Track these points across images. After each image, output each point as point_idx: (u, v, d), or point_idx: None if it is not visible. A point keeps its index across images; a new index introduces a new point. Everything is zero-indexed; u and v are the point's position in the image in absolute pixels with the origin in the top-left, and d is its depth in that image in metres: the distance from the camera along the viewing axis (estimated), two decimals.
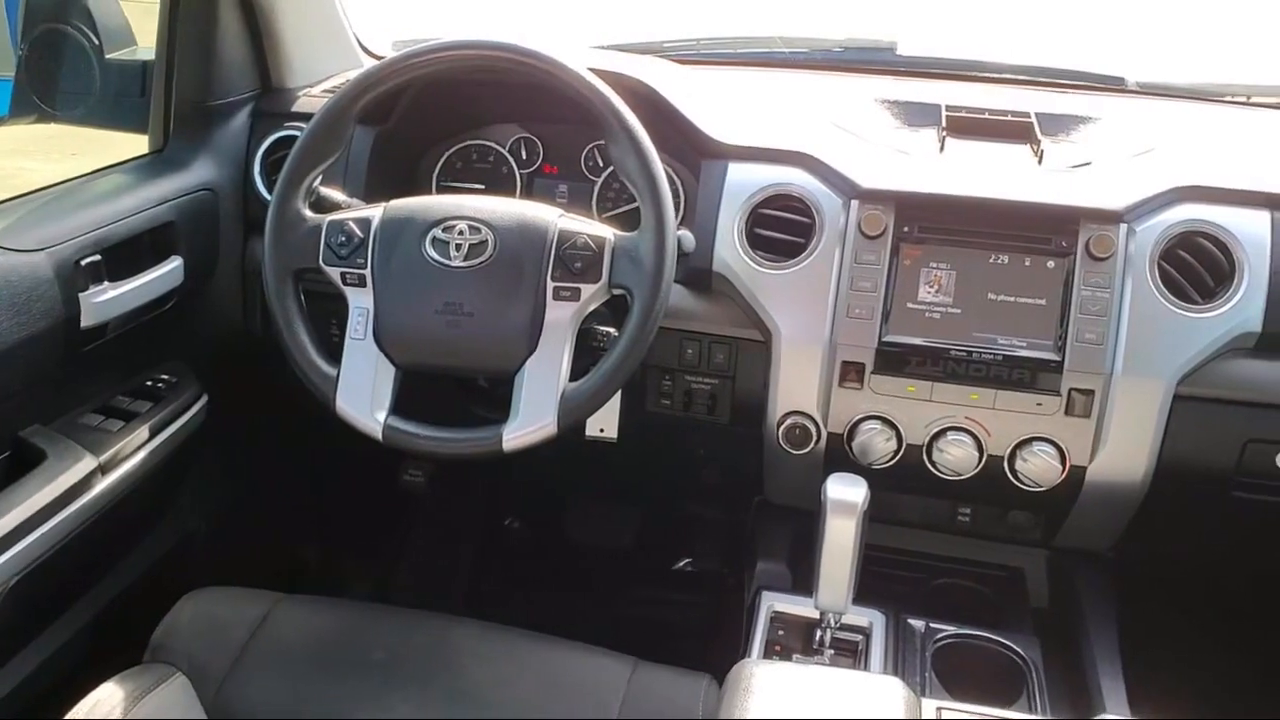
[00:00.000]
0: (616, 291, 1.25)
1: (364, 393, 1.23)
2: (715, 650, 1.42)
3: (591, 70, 1.28)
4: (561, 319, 1.22)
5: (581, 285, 1.22)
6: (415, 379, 1.25)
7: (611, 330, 1.33)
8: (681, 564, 2.20)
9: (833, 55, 1.88)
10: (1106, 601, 1.49)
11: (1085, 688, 1.37)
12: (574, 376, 1.23)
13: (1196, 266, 1.34)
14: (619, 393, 1.42)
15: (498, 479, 2.18)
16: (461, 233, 1.24)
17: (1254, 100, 1.77)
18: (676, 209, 1.53)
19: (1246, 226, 1.34)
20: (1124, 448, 1.35)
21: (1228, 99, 1.77)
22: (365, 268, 1.24)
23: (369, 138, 1.56)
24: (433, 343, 1.23)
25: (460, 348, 1.23)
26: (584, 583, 2.17)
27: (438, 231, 1.24)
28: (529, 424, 1.20)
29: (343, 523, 2.14)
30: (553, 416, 1.21)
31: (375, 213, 1.27)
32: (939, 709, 0.96)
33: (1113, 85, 1.76)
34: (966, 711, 0.97)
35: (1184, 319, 1.33)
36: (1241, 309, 1.32)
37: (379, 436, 1.23)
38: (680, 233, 1.41)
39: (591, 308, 1.24)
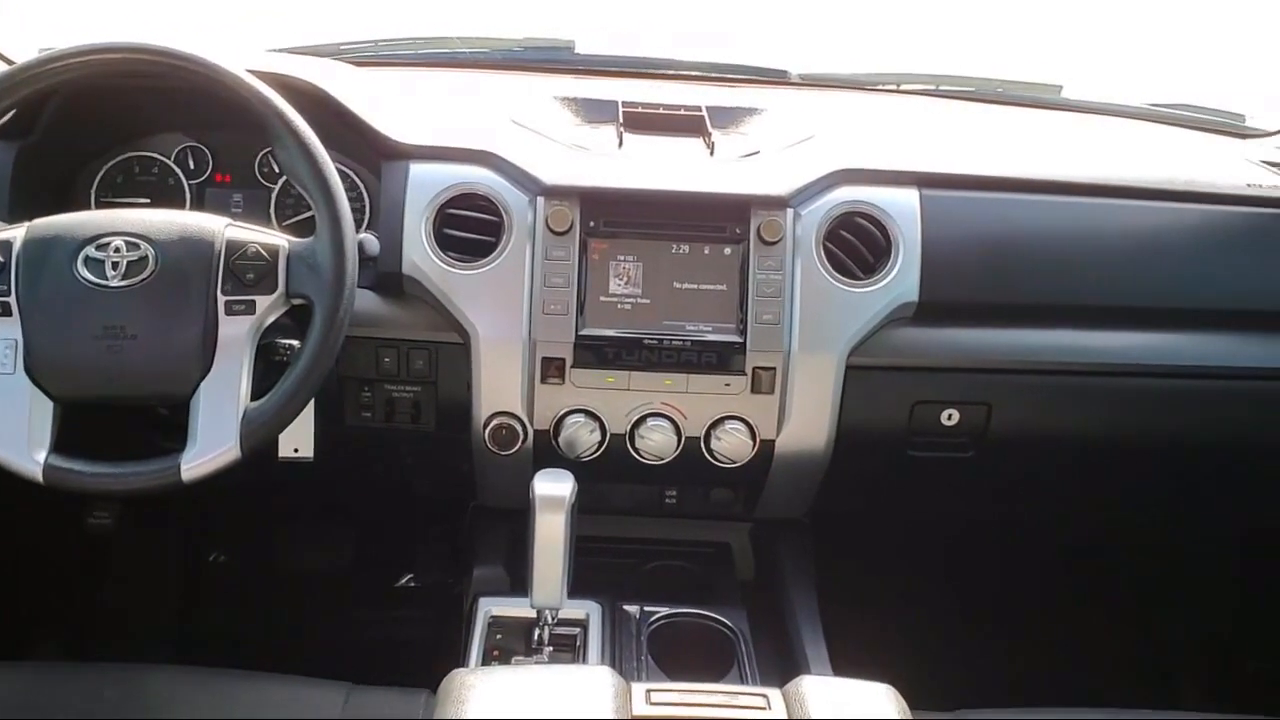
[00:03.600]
0: (296, 301, 1.20)
1: (18, 432, 1.13)
2: (440, 663, 1.39)
3: (254, 73, 1.22)
4: (237, 335, 1.16)
5: (256, 297, 1.17)
6: (90, 412, 1.16)
7: (296, 343, 1.27)
8: (405, 580, 2.14)
9: (512, 55, 1.88)
10: (805, 567, 1.57)
11: (791, 652, 1.44)
12: (258, 395, 1.18)
13: (857, 244, 1.44)
14: (311, 408, 1.36)
15: (195, 513, 2.04)
16: (118, 249, 1.15)
17: (903, 88, 1.91)
18: (360, 212, 1.49)
19: (899, 204, 1.44)
20: (806, 419, 1.43)
21: (880, 88, 1.91)
22: (9, 295, 1.14)
23: (9, 153, 1.41)
24: (93, 371, 1.14)
25: (125, 374, 1.14)
26: (301, 612, 2.07)
27: (91, 250, 1.15)
28: (209, 450, 1.13)
29: (27, 578, 1.94)
30: (234, 440, 1.15)
31: (16, 234, 1.16)
32: (648, 691, 0.97)
33: (777, 78, 1.85)
34: (674, 689, 0.99)
35: (850, 294, 1.41)
36: (899, 281, 1.42)
37: (39, 478, 1.12)
38: (362, 236, 1.38)
39: (270, 320, 1.19)
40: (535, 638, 1.35)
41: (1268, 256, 1.50)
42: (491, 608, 1.43)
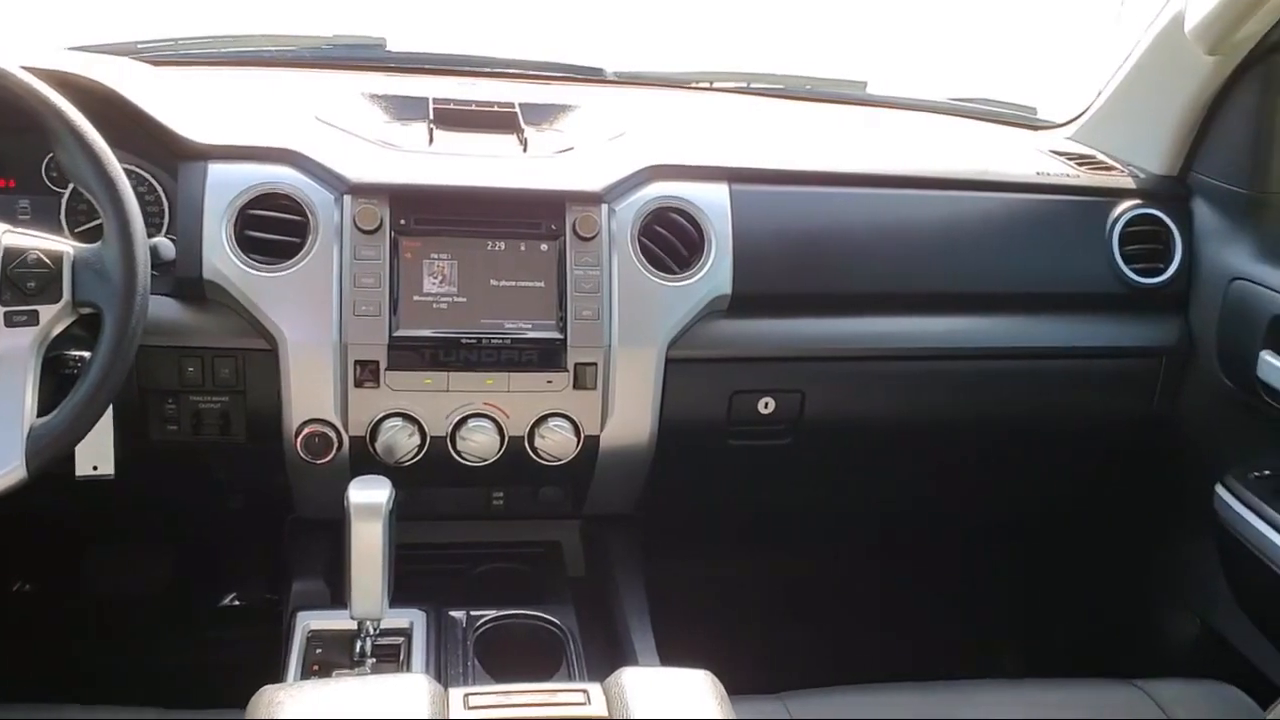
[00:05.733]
0: (85, 310, 1.14)
1: None
2: (262, 682, 1.34)
3: (34, 71, 1.16)
4: (18, 347, 1.09)
5: (39, 307, 1.10)
6: None
7: (87, 354, 1.20)
8: (228, 599, 2.06)
9: (321, 53, 1.83)
10: (634, 560, 1.58)
11: (619, 646, 1.44)
12: (47, 410, 1.11)
13: (671, 239, 1.45)
14: (110, 423, 1.30)
15: None
16: None
17: (716, 86, 1.95)
18: (159, 216, 1.43)
19: (709, 199, 1.46)
20: (629, 413, 1.43)
21: (694, 85, 1.94)
22: None
23: None
24: None
25: None
26: (116, 638, 1.97)
27: None
28: None
29: None
30: (19, 460, 1.08)
31: None
32: (466, 695, 0.96)
33: (592, 76, 1.86)
34: (493, 691, 0.98)
35: (666, 289, 1.43)
36: (713, 275, 1.45)
37: None
38: (155, 240, 1.32)
39: (57, 330, 1.13)
40: (357, 650, 1.32)
41: (1055, 241, 1.58)
42: (310, 621, 1.38)
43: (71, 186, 1.47)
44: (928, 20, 2.41)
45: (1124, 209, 1.60)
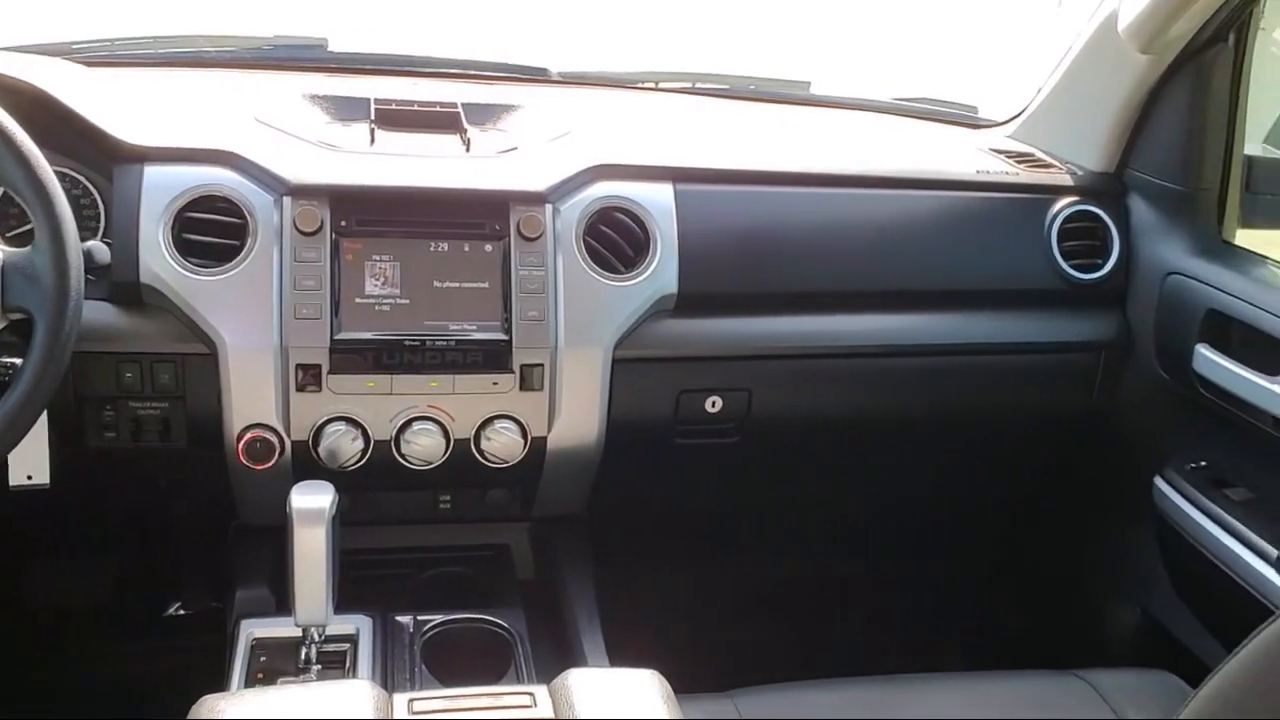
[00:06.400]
0: (15, 316, 1.12)
1: None
2: (207, 691, 1.32)
3: None
4: None
5: None
6: None
7: (19, 361, 1.17)
8: (173, 608, 2.03)
9: (262, 53, 1.80)
10: (584, 562, 1.57)
11: (569, 648, 1.44)
12: None
13: (617, 239, 1.45)
14: (44, 431, 1.27)
15: None
16: None
17: (662, 86, 1.95)
18: (95, 220, 1.40)
19: (654, 199, 1.46)
20: (576, 414, 1.43)
21: (639, 86, 1.94)
22: None
23: None
24: None
25: None
26: (58, 651, 1.93)
27: None
28: None
29: None
30: None
31: None
32: (410, 700, 0.95)
33: (537, 76, 1.85)
34: (438, 695, 0.98)
35: (612, 289, 1.43)
36: (659, 274, 1.45)
37: None
38: (90, 244, 1.30)
39: None
40: (303, 657, 1.30)
41: (996, 238, 1.60)
42: (254, 629, 1.36)
43: (2, 190, 1.44)
44: (872, 21, 2.43)
45: (1062, 206, 1.62)
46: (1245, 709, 0.48)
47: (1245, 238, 1.59)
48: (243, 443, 1.36)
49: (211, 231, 1.35)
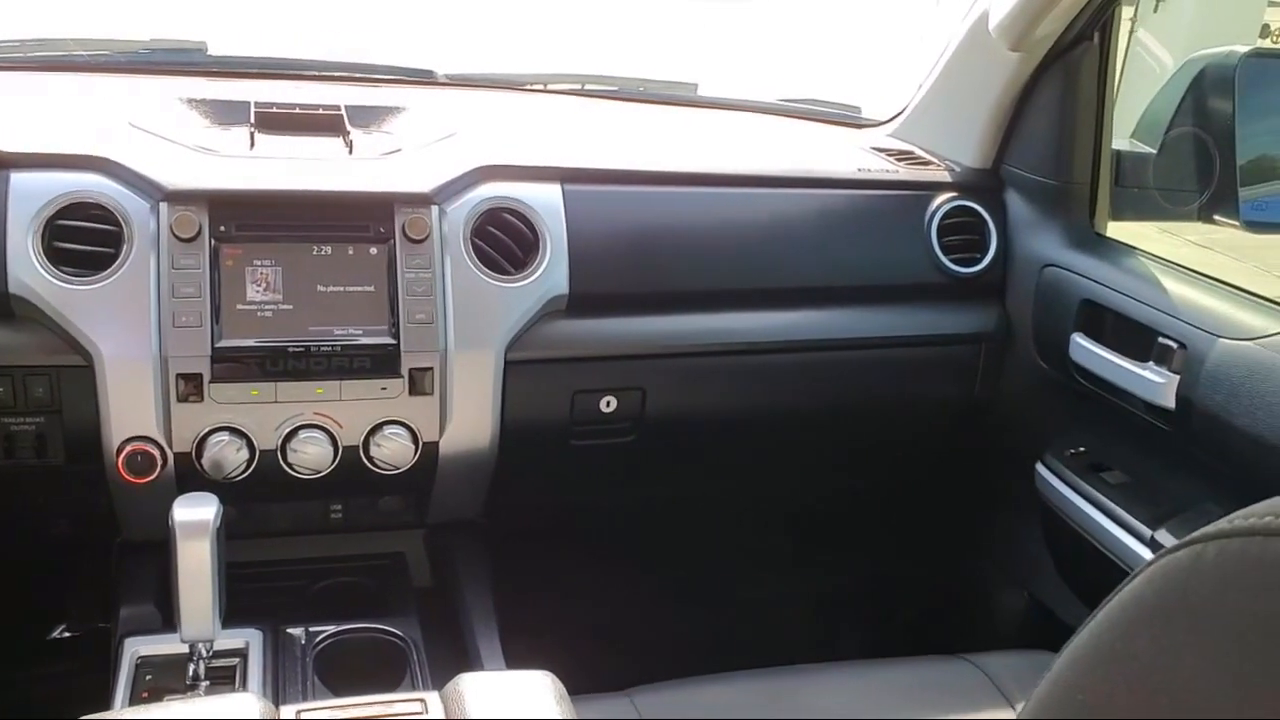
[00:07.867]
0: None
1: None
2: (91, 713, 1.28)
3: None
4: None
5: None
6: None
7: None
8: (58, 631, 1.95)
9: (138, 57, 1.75)
10: (481, 566, 1.56)
11: (465, 653, 1.43)
12: None
13: (506, 240, 1.44)
14: None
15: None
16: None
17: (551, 88, 1.95)
18: None
19: (542, 200, 1.46)
20: (469, 418, 1.42)
21: (528, 87, 1.93)
22: None
23: None
24: None
25: None
26: None
27: None
28: None
29: None
30: None
31: None
32: (299, 711, 0.93)
33: (423, 79, 1.83)
34: (327, 706, 0.96)
35: (502, 290, 1.42)
36: (549, 275, 1.44)
37: None
38: None
39: None
40: (190, 674, 1.26)
41: (878, 234, 1.64)
42: (139, 647, 1.32)
43: None
44: (758, 22, 2.46)
45: (941, 202, 1.66)
46: (1097, 679, 0.50)
47: (1117, 230, 1.65)
48: (123, 456, 1.32)
49: (85, 239, 1.31)
